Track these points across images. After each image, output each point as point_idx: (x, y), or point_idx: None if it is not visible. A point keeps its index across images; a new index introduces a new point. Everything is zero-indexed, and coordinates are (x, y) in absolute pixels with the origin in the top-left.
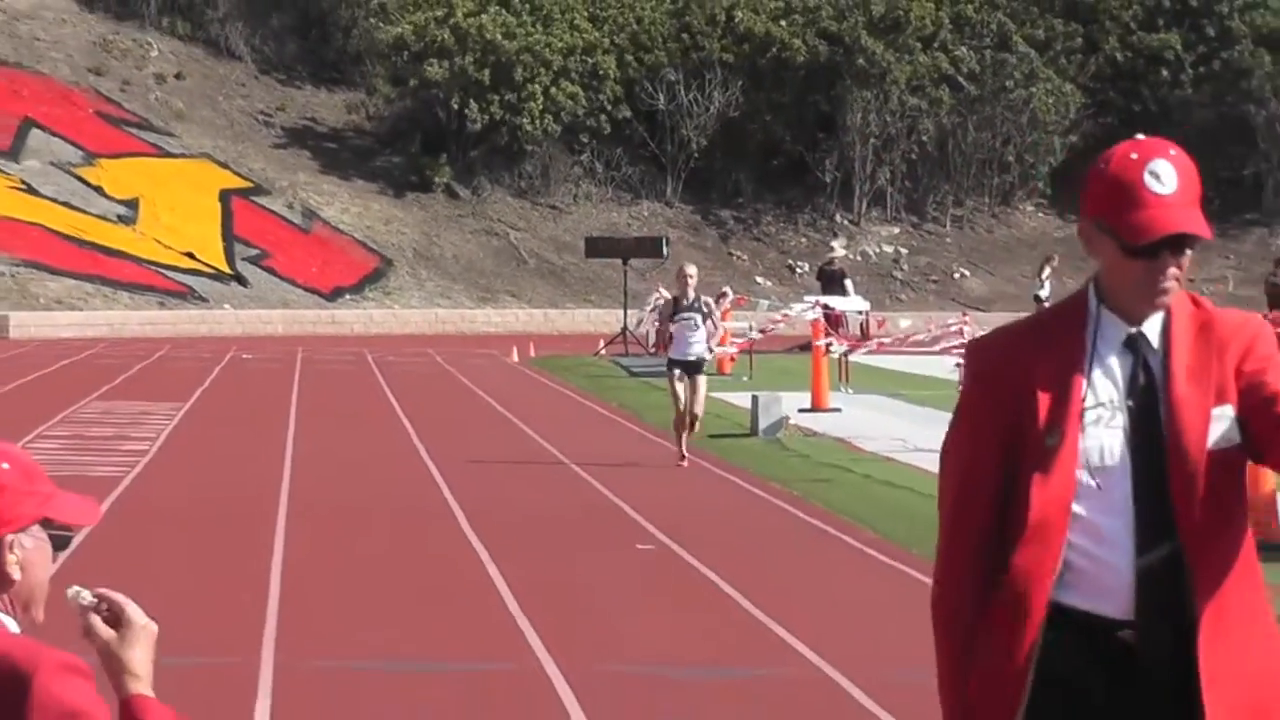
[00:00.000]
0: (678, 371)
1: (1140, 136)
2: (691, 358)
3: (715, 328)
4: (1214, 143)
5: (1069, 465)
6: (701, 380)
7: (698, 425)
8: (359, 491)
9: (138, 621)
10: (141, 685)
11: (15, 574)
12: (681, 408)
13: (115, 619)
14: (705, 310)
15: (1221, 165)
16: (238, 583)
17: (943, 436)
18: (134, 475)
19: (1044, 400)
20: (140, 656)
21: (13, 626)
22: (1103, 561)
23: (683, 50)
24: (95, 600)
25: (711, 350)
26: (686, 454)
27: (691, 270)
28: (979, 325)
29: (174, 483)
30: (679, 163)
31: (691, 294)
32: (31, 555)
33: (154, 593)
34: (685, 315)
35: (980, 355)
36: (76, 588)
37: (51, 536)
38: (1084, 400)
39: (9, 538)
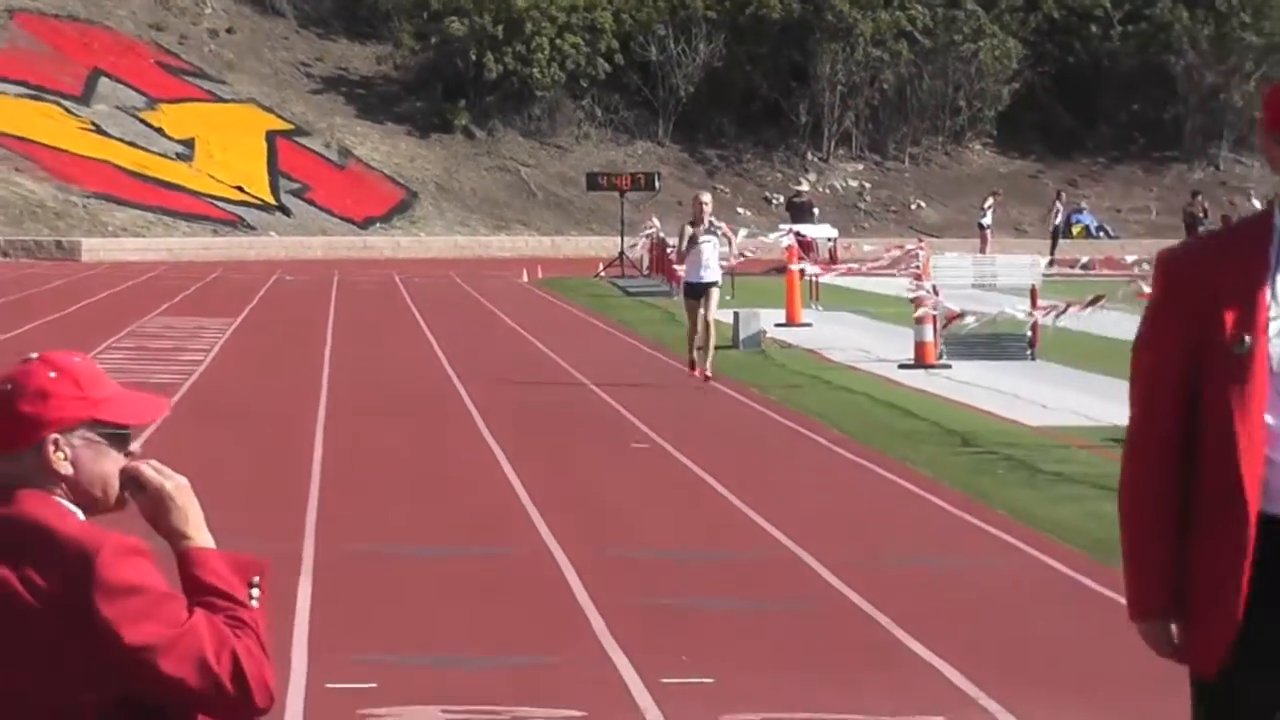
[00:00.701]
0: (691, 296)
1: None
2: (706, 280)
3: (730, 247)
4: (1138, 89)
5: (1261, 372)
6: (714, 293)
7: (713, 333)
8: (388, 395)
9: (153, 484)
10: (188, 542)
11: (65, 469)
12: (697, 325)
13: (137, 486)
14: (719, 233)
15: (1145, 109)
16: (283, 475)
17: (901, 348)
18: (191, 381)
19: (1230, 311)
20: (175, 517)
21: (81, 516)
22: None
23: (671, 8)
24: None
25: (729, 260)
26: (709, 373)
27: (706, 198)
28: (933, 249)
29: (226, 387)
30: (669, 107)
31: (707, 219)
32: (80, 452)
33: (209, 484)
34: (701, 239)
35: (1169, 268)
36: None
37: (109, 435)
38: (1269, 310)
39: (53, 436)
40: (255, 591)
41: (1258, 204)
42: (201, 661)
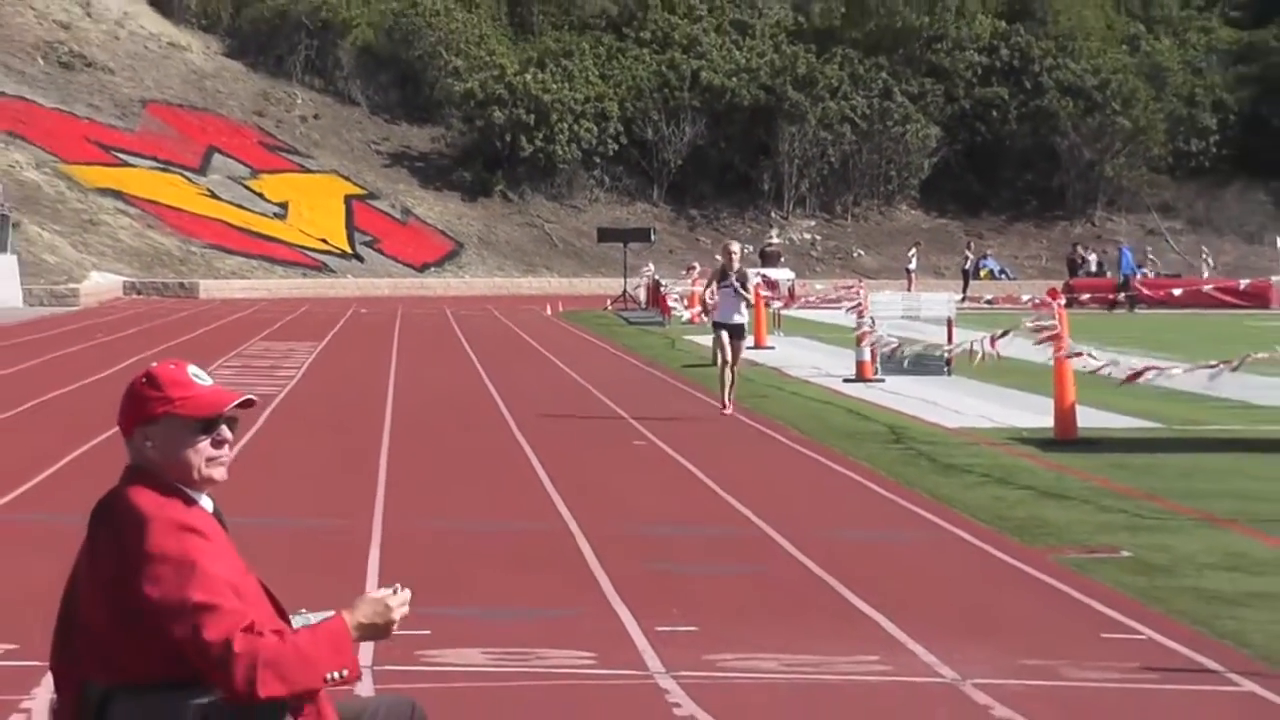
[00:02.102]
0: (723, 332)
1: None
2: (734, 321)
3: (748, 294)
4: (1031, 163)
5: None
6: (740, 344)
7: (737, 375)
8: (441, 403)
9: (383, 593)
10: (347, 615)
11: (151, 454)
12: (727, 359)
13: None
14: (743, 280)
15: (1036, 178)
16: (358, 465)
17: (845, 366)
18: (285, 392)
19: None
20: (363, 608)
21: (189, 492)
22: None
23: (664, 98)
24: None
25: (746, 310)
26: (730, 404)
27: (735, 247)
28: (870, 288)
29: (313, 396)
30: (662, 176)
31: (736, 266)
32: (161, 440)
33: (299, 473)
34: (727, 285)
35: None
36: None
37: (194, 424)
38: None
39: (139, 429)
40: (335, 675)
41: (1087, 254)
42: (201, 634)
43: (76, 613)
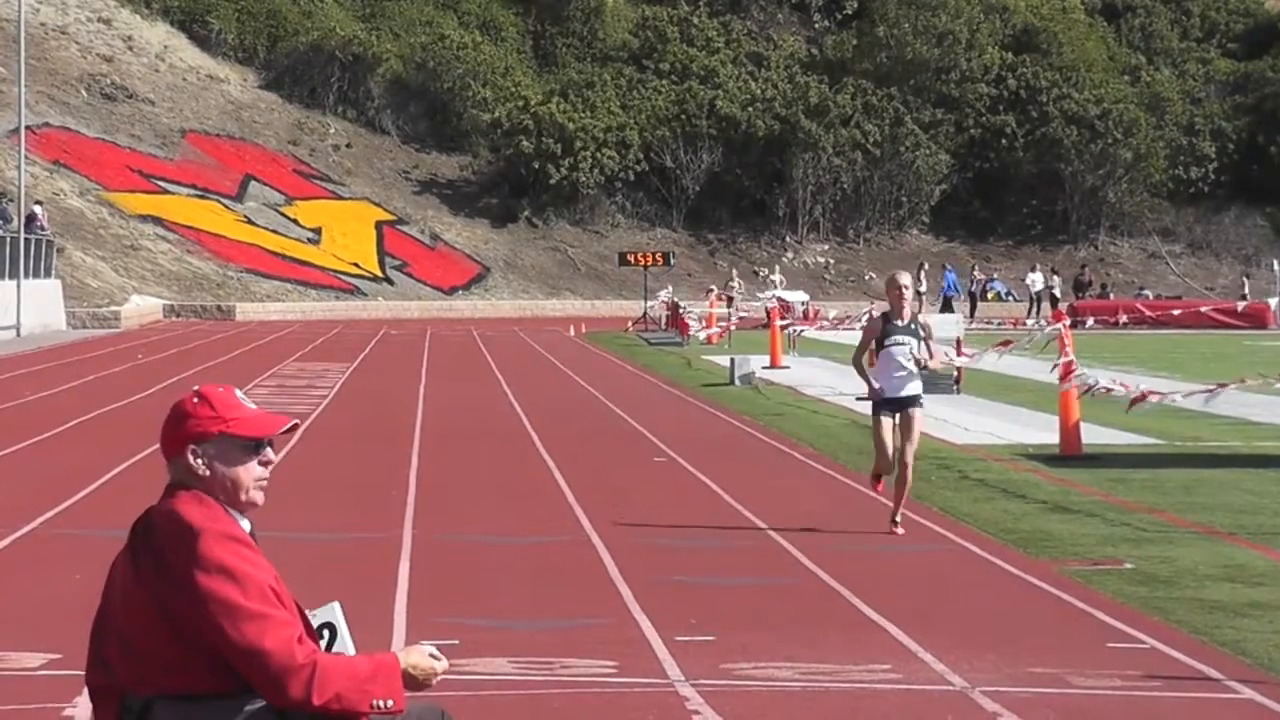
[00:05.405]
0: (885, 414)
1: None
2: (902, 394)
3: (930, 355)
4: (1036, 189)
5: None
6: (917, 416)
7: (910, 476)
8: (468, 419)
9: (431, 650)
10: (401, 655)
11: (202, 471)
12: (894, 447)
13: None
14: (921, 335)
15: (1041, 204)
16: (388, 480)
17: (858, 385)
18: (319, 411)
19: None
20: (415, 655)
21: (230, 511)
22: None
23: (682, 127)
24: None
25: (925, 368)
26: (900, 521)
27: (906, 281)
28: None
29: (345, 414)
30: (680, 202)
31: (907, 312)
32: (214, 458)
33: (334, 487)
34: (896, 340)
35: None
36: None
37: (242, 445)
38: None
39: (192, 447)
40: (380, 703)
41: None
42: (260, 642)
43: (116, 626)
